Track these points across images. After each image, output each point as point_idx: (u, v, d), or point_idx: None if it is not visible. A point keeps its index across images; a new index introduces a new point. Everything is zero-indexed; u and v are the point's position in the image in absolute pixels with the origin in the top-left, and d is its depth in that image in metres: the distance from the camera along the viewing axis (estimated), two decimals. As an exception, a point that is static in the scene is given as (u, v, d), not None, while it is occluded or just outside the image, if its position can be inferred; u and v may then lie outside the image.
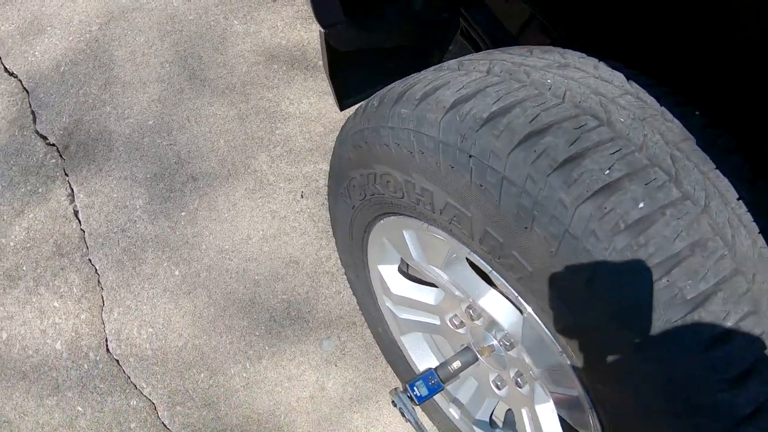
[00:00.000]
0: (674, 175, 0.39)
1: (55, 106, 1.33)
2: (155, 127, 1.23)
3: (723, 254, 0.38)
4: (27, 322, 1.18)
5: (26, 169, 1.30)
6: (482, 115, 0.42)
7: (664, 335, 0.37)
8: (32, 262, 1.21)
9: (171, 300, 1.11)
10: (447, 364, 0.69)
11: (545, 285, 0.42)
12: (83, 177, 1.23)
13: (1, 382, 1.19)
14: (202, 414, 1.06)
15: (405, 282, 0.76)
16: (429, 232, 0.58)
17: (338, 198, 0.71)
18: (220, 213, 1.13)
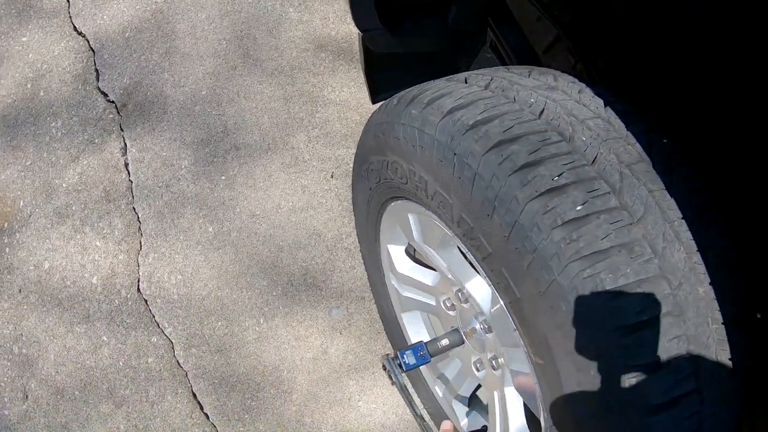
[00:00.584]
0: (617, 188, 0.47)
1: (118, 67, 1.47)
2: (207, 97, 1.36)
3: (648, 259, 0.45)
4: (69, 255, 1.31)
5: (85, 120, 1.44)
6: (469, 122, 0.52)
7: (583, 317, 0.45)
8: (81, 204, 1.35)
9: (202, 253, 1.23)
10: (436, 340, 0.78)
11: (500, 264, 0.51)
12: (137, 134, 1.37)
13: (37, 307, 1.32)
14: (214, 358, 1.17)
15: (409, 262, 0.86)
16: (426, 216, 0.68)
17: (359, 179, 0.82)
18: (256, 181, 1.25)
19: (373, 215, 0.84)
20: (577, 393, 0.48)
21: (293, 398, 1.13)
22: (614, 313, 0.44)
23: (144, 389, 1.19)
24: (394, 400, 1.11)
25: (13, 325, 1.31)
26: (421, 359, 0.77)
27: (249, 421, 1.13)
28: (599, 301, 0.44)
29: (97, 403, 1.21)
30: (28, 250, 1.35)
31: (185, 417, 1.17)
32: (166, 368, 1.19)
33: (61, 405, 1.23)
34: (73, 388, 1.23)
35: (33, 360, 1.27)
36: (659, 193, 0.49)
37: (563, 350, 0.48)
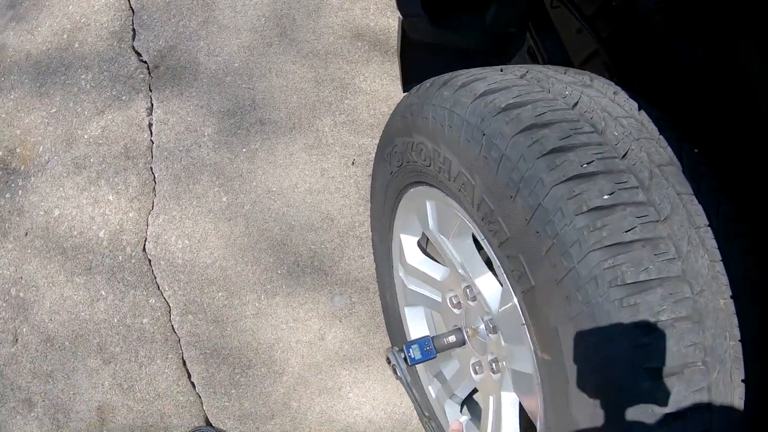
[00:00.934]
0: (646, 185, 0.47)
1: (155, 29, 1.48)
2: (239, 69, 1.37)
3: (672, 258, 0.44)
4: (80, 206, 1.32)
5: (116, 76, 1.46)
6: (501, 105, 0.52)
7: (600, 311, 0.44)
8: (100, 157, 1.36)
9: (212, 221, 1.23)
10: (442, 336, 0.77)
11: (517, 250, 0.50)
12: (165, 96, 1.38)
13: (41, 252, 1.32)
14: (210, 328, 1.16)
15: (420, 255, 0.85)
16: (444, 204, 0.68)
17: (381, 162, 0.82)
18: (276, 158, 1.25)
19: (390, 201, 0.83)
20: (584, 394, 0.46)
21: (283, 380, 1.12)
22: (632, 309, 0.43)
23: (134, 349, 1.18)
24: (385, 396, 1.10)
25: (15, 267, 1.31)
26: (426, 354, 0.76)
27: (235, 397, 1.12)
28: (617, 295, 0.43)
29: (85, 357, 1.21)
30: (40, 195, 1.35)
31: (171, 383, 1.16)
32: (159, 331, 1.18)
33: (50, 353, 1.23)
34: (63, 338, 1.23)
35: (29, 304, 1.27)
36: (687, 197, 0.48)
37: (574, 345, 0.46)
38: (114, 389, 1.17)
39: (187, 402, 1.14)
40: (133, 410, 1.15)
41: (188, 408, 1.14)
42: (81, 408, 1.18)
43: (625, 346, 0.43)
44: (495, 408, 0.71)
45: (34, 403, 1.20)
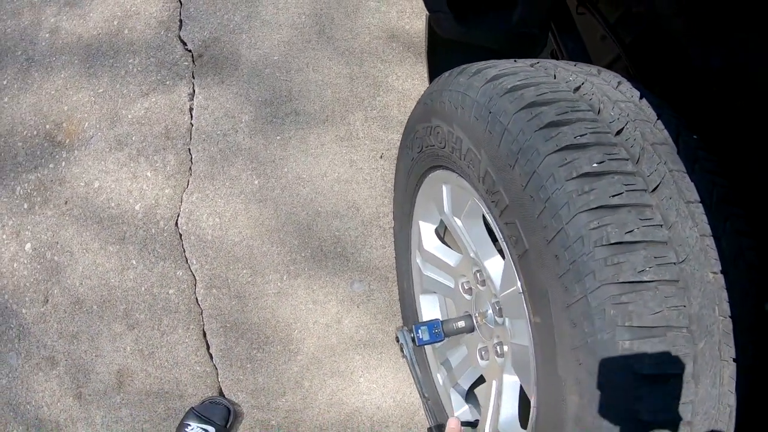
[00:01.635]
0: (636, 158, 0.51)
1: (201, 21, 1.59)
2: (278, 62, 1.46)
3: (658, 225, 0.47)
4: (119, 180, 1.41)
5: (161, 62, 1.57)
6: (507, 86, 0.57)
7: (585, 270, 0.47)
8: (141, 136, 1.45)
9: (243, 202, 1.30)
10: (452, 320, 0.81)
11: (515, 216, 0.55)
12: (206, 83, 1.47)
13: (78, 220, 1.41)
14: (232, 303, 1.22)
15: (437, 241, 0.90)
16: (458, 186, 0.73)
17: (404, 150, 0.88)
18: (308, 147, 1.33)
19: (411, 188, 0.89)
20: (569, 352, 0.49)
21: (297, 359, 1.16)
22: (615, 267, 0.46)
23: (158, 318, 1.25)
24: (396, 384, 1.13)
25: (52, 233, 1.40)
26: (434, 337, 0.80)
27: (250, 371, 1.17)
28: (602, 254, 0.46)
29: (110, 321, 1.27)
30: (82, 168, 1.45)
31: (190, 353, 1.21)
32: (184, 303, 1.24)
33: (77, 315, 1.30)
34: (92, 302, 1.30)
35: (62, 268, 1.35)
36: (679, 174, 0.52)
37: (560, 305, 0.50)
38: (135, 354, 1.23)
39: (203, 372, 1.19)
40: (151, 376, 1.21)
41: (204, 378, 1.19)
42: (101, 370, 1.24)
43: (606, 304, 0.46)
44: (497, 391, 0.75)
45: (57, 361, 1.27)
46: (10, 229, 1.45)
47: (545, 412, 0.56)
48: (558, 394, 0.53)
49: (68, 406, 1.24)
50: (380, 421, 1.12)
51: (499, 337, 0.74)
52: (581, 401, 0.49)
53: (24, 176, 1.49)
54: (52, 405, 1.24)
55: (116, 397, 1.21)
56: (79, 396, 1.23)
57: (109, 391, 1.21)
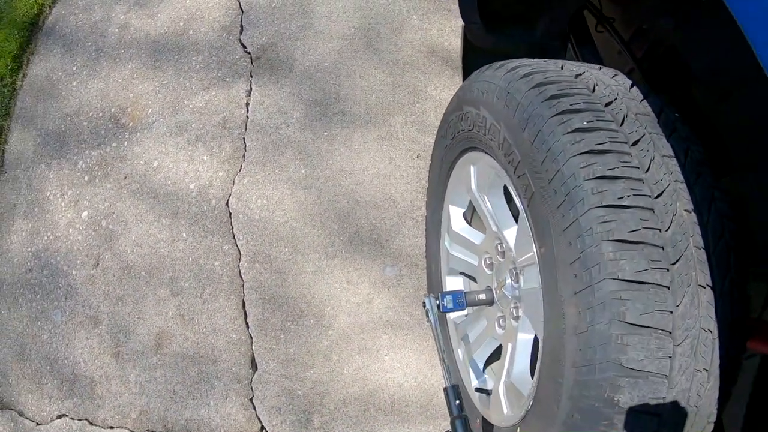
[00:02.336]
0: (620, 120, 0.66)
1: (260, 27, 1.79)
2: (329, 68, 1.63)
3: (635, 167, 0.62)
4: (177, 161, 1.56)
5: (222, 61, 1.75)
6: (522, 73, 0.75)
7: (576, 198, 0.60)
8: (201, 124, 1.61)
9: (290, 188, 1.43)
10: (475, 293, 0.91)
11: (525, 168, 0.69)
12: (263, 82, 1.64)
13: (135, 194, 1.55)
14: (272, 277, 1.33)
15: (464, 223, 1.03)
16: (483, 162, 0.87)
17: (439, 140, 1.03)
18: (352, 143, 1.47)
19: (444, 173, 1.03)
20: (566, 268, 0.61)
21: (328, 333, 1.26)
22: (600, 195, 0.60)
23: (202, 287, 1.35)
24: (418, 365, 1.22)
25: (109, 203, 1.53)
26: (457, 306, 0.90)
27: (282, 341, 1.26)
28: (589, 185, 0.60)
29: (156, 287, 1.38)
30: (143, 148, 1.60)
31: (228, 321, 1.31)
32: (227, 274, 1.36)
33: (125, 280, 1.41)
34: (140, 268, 1.42)
35: (115, 235, 1.48)
36: (657, 136, 0.66)
37: (558, 229, 0.63)
38: (176, 319, 1.33)
39: (239, 340, 1.29)
40: (189, 340, 1.30)
41: (238, 346, 1.28)
42: (142, 332, 1.34)
43: (594, 223, 0.59)
44: (512, 352, 0.85)
45: (99, 321, 1.37)
46: (69, 198, 1.59)
47: (550, 337, 0.66)
48: (559, 311, 0.64)
49: (105, 363, 1.33)
50: (401, 400, 1.20)
51: (515, 301, 0.84)
52: (577, 310, 0.61)
53: (87, 152, 1.65)
54: (89, 362, 1.34)
55: (153, 358, 1.30)
56: (117, 355, 1.32)
57: (146, 352, 1.31)
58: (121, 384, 1.31)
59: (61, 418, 1.38)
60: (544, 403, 0.68)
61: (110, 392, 1.32)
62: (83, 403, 1.36)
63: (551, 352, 0.66)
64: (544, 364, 0.68)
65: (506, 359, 0.86)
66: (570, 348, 0.62)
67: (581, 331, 0.60)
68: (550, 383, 0.66)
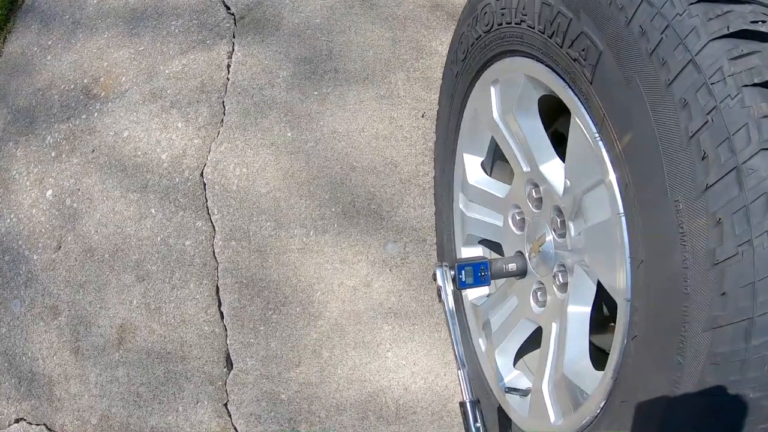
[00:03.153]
0: None
1: (247, -9, 1.63)
2: (320, 24, 1.45)
3: None
4: (149, 130, 1.39)
5: (203, 24, 1.59)
6: None
7: (684, 29, 0.39)
8: (176, 89, 1.45)
9: (273, 153, 1.24)
10: (503, 261, 0.69)
11: (582, 24, 0.47)
12: (246, 42, 1.47)
13: (103, 168, 1.39)
14: (251, 257, 1.14)
15: (483, 174, 0.82)
16: (509, 72, 0.66)
17: (447, 72, 0.83)
18: (346, 103, 1.28)
19: (455, 111, 0.82)
20: (677, 152, 0.40)
21: (318, 324, 1.06)
22: (718, 18, 0.38)
23: (171, 270, 1.17)
24: (428, 363, 1.00)
25: (75, 180, 1.38)
26: (480, 280, 0.67)
27: (262, 334, 1.07)
28: (697, 10, 0.38)
29: (120, 271, 1.21)
30: (114, 118, 1.44)
31: (199, 310, 1.12)
32: (199, 255, 1.17)
33: (87, 264, 1.24)
34: (104, 250, 1.24)
35: (79, 215, 1.31)
36: None
37: (655, 92, 0.41)
38: (141, 308, 1.15)
39: (212, 333, 1.10)
40: (155, 333, 1.12)
41: (211, 340, 1.09)
42: (103, 323, 1.16)
43: (723, 60, 0.38)
44: (558, 335, 0.62)
45: (59, 311, 1.20)
46: (35, 176, 1.44)
47: (648, 289, 0.43)
48: (669, 234, 0.40)
49: (64, 360, 1.16)
50: (407, 405, 0.98)
51: (560, 263, 0.62)
52: (714, 221, 0.37)
53: (56, 126, 1.50)
54: (47, 358, 1.17)
55: (115, 354, 1.12)
56: (77, 350, 1.15)
57: (108, 348, 1.13)
58: (80, 384, 1.13)
59: (18, 422, 1.22)
60: (633, 403, 0.44)
61: (69, 394, 1.15)
62: (41, 405, 1.19)
63: (652, 314, 0.43)
64: (636, 338, 0.45)
65: (550, 346, 0.63)
66: (701, 297, 0.38)
67: (727, 258, 0.36)
68: (648, 367, 0.43)
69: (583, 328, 0.60)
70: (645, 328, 0.44)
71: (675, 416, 0.41)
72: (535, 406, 0.67)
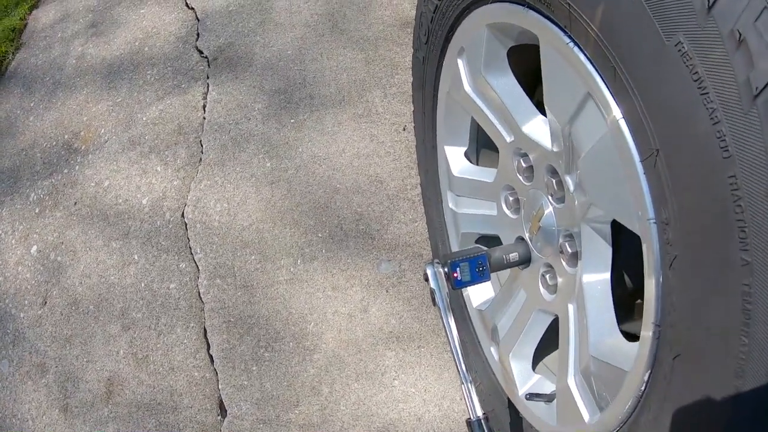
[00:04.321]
0: None
1: (216, 31, 1.68)
2: (292, 56, 1.49)
3: None
4: (129, 177, 1.40)
5: (178, 70, 1.63)
6: None
7: None
8: (154, 135, 1.47)
9: (254, 185, 1.24)
10: (502, 251, 0.63)
11: None
12: (220, 81, 1.51)
13: (85, 219, 1.38)
14: (237, 294, 1.10)
15: (468, 163, 0.79)
16: (473, 37, 0.61)
17: (414, 64, 0.80)
18: (324, 127, 1.29)
19: (429, 101, 0.79)
20: None
21: (314, 358, 1.01)
22: None
23: (156, 316, 1.14)
24: (441, 388, 0.94)
25: (58, 233, 1.37)
26: (477, 277, 0.62)
27: (255, 375, 1.02)
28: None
29: (106, 322, 1.18)
30: (94, 169, 1.46)
31: (188, 355, 1.08)
32: (185, 298, 1.14)
33: (73, 317, 1.21)
34: (89, 301, 1.22)
35: (64, 268, 1.30)
36: None
37: None
38: (128, 358, 1.11)
39: (202, 379, 1.05)
40: (144, 384, 1.07)
41: (202, 386, 1.04)
42: (91, 378, 1.11)
43: None
44: (578, 312, 0.57)
45: (47, 369, 1.16)
46: (20, 234, 1.44)
47: (689, 215, 0.31)
48: (688, 89, 0.30)
49: (53, 420, 1.11)
50: (418, 436, 0.92)
51: (566, 231, 0.57)
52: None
53: (39, 183, 1.52)
54: (37, 418, 1.12)
55: (104, 409, 1.07)
56: (66, 408, 1.10)
57: (96, 403, 1.08)
58: None
59: (7, 499, 1.15)
60: (693, 350, 0.33)
61: None
62: (30, 479, 1.13)
63: (689, 220, 0.31)
64: (676, 260, 0.33)
65: (570, 333, 0.57)
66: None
67: None
68: (699, 291, 0.31)
69: (606, 298, 0.54)
70: (684, 243, 0.32)
71: (757, 350, 0.27)
72: (563, 408, 0.60)
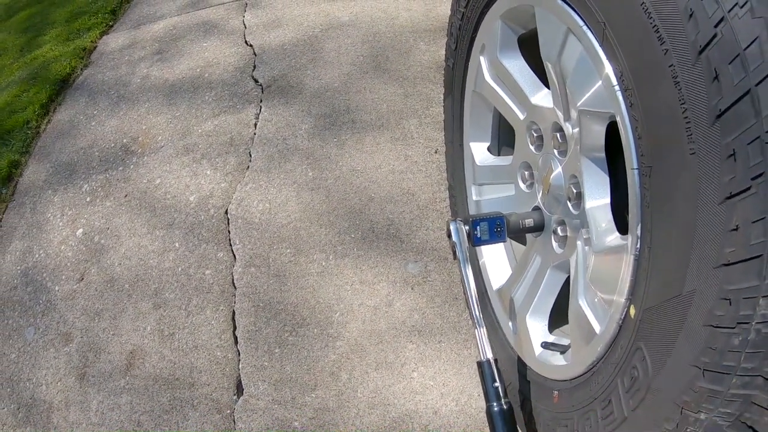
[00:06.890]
0: None
1: (271, 64, 1.98)
2: (338, 88, 1.75)
3: None
4: (180, 177, 1.59)
5: (234, 93, 1.91)
6: None
7: None
8: (208, 144, 1.69)
9: (295, 190, 1.41)
10: (519, 216, 0.74)
11: None
12: (272, 104, 1.76)
13: (133, 209, 1.55)
14: (270, 282, 1.22)
15: (489, 155, 0.93)
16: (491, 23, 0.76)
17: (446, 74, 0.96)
18: (363, 146, 1.49)
19: (457, 100, 0.92)
20: None
21: (336, 345, 1.09)
22: None
23: (188, 297, 1.25)
24: (459, 383, 1.00)
25: (106, 220, 1.54)
26: (495, 236, 0.72)
27: (277, 357, 1.09)
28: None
29: (138, 300, 1.28)
30: (148, 169, 1.66)
31: (213, 336, 1.17)
32: (218, 283, 1.26)
33: (107, 293, 1.33)
34: (125, 281, 1.34)
35: (106, 250, 1.44)
36: None
37: None
38: (154, 335, 1.20)
39: (224, 358, 1.12)
40: (165, 359, 1.15)
41: (222, 365, 1.12)
42: (114, 349, 1.20)
43: None
44: (584, 247, 0.65)
45: (72, 338, 1.25)
46: (68, 218, 1.61)
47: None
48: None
49: (68, 386, 1.17)
50: (437, 431, 0.96)
51: (570, 174, 0.66)
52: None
53: (93, 177, 1.72)
54: (51, 384, 1.18)
55: (121, 380, 1.14)
56: (83, 376, 1.17)
57: (115, 374, 1.15)
58: (80, 412, 1.13)
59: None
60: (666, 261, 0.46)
61: (67, 421, 1.14)
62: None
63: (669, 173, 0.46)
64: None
65: (579, 257, 0.66)
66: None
67: None
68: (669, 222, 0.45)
69: (605, 213, 0.63)
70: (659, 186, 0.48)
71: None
72: (577, 327, 0.66)
